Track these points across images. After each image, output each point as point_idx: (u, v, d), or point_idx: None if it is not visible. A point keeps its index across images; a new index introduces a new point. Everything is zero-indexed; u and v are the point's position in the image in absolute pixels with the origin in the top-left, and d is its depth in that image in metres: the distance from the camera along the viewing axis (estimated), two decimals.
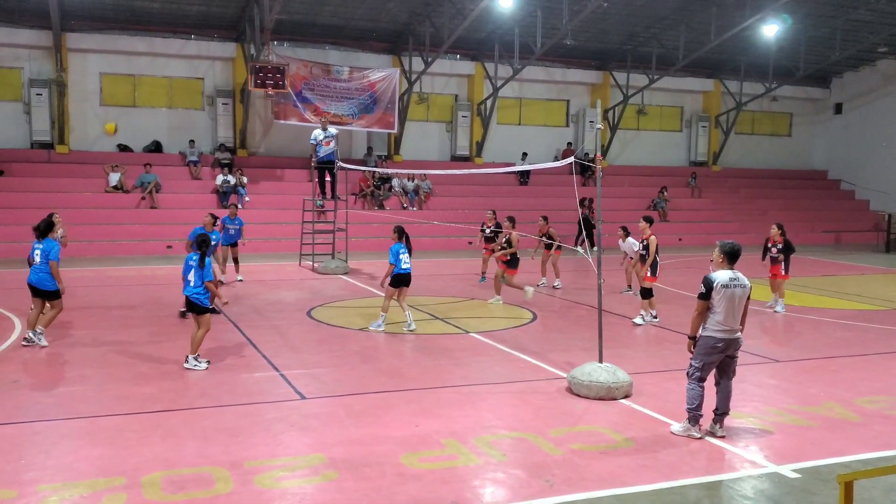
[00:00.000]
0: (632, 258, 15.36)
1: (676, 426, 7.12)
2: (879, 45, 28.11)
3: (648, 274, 12.24)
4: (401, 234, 11.39)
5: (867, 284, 17.72)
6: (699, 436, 6.93)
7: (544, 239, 15.97)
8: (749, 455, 6.60)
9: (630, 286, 15.56)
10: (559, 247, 15.64)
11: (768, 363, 9.91)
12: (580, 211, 12.71)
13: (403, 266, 11.20)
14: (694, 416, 6.98)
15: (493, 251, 17.60)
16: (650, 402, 7.99)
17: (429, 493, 5.72)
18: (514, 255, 13.83)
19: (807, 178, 33.21)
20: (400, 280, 11.28)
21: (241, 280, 15.91)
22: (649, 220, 12.58)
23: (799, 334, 12.25)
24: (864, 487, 5.75)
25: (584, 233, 19.49)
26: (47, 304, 10.12)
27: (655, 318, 12.39)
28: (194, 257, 9.14)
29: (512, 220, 14.32)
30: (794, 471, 6.25)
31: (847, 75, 32.27)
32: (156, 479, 5.85)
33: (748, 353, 9.69)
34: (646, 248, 12.37)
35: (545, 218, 16.14)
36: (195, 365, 9.10)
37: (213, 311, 11.51)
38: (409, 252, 11.39)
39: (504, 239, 14.01)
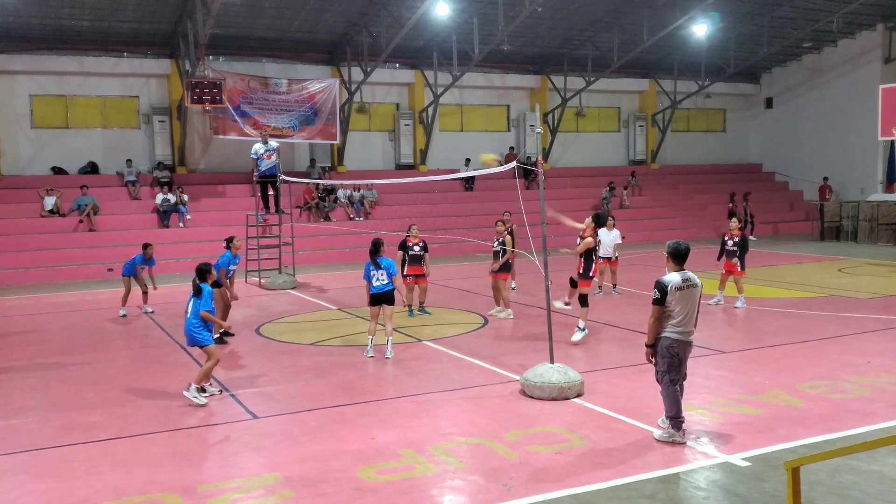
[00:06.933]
0: (608, 257, 14.48)
1: (658, 433, 6.89)
2: (804, 40, 29.13)
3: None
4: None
5: (804, 272, 18.28)
6: (683, 440, 6.76)
7: (506, 234, 14.77)
8: (700, 447, 6.74)
9: (601, 287, 14.40)
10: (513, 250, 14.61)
11: (715, 355, 10.14)
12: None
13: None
14: (676, 422, 6.81)
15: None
16: (602, 400, 8.10)
17: None
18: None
19: (742, 171, 34.12)
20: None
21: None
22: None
23: (743, 324, 12.57)
24: (811, 471, 5.91)
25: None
26: None
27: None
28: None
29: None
30: (745, 459, 6.40)
31: (775, 70, 33.33)
32: None
33: (695, 346, 9.88)
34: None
35: (508, 213, 15.13)
36: (195, 397, 8.36)
37: (222, 340, 11.32)
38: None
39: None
